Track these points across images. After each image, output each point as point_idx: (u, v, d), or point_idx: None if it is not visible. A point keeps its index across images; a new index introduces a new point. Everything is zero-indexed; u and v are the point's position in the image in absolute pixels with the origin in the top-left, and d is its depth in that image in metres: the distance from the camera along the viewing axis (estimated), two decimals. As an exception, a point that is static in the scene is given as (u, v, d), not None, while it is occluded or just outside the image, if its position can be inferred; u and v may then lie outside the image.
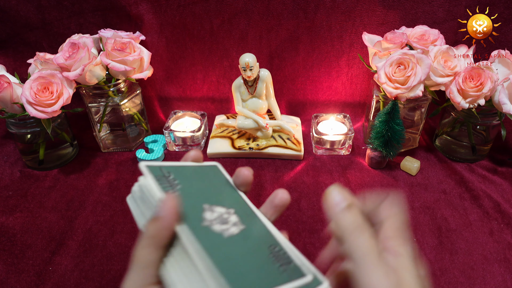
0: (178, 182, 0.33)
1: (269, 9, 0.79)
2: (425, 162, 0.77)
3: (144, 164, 0.33)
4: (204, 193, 0.35)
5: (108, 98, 0.75)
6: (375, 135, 0.71)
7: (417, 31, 0.72)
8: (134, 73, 0.72)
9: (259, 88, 0.75)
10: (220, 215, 0.32)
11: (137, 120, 0.82)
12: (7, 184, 0.72)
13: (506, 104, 0.64)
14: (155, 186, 0.31)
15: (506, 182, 0.71)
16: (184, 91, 0.90)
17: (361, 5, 0.77)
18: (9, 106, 0.67)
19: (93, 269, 0.55)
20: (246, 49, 0.83)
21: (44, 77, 0.65)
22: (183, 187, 0.33)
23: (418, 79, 0.64)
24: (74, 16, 0.80)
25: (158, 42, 0.83)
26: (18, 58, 0.84)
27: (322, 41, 0.82)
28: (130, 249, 0.58)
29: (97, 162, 0.77)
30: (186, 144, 0.80)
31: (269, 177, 0.73)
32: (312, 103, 0.90)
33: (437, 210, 0.65)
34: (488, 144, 0.77)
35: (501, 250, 0.58)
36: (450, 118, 0.77)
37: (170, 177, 0.34)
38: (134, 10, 0.79)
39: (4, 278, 0.54)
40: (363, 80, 0.87)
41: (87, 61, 0.67)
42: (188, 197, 0.32)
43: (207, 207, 0.33)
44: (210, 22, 0.81)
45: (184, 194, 0.32)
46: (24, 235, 0.61)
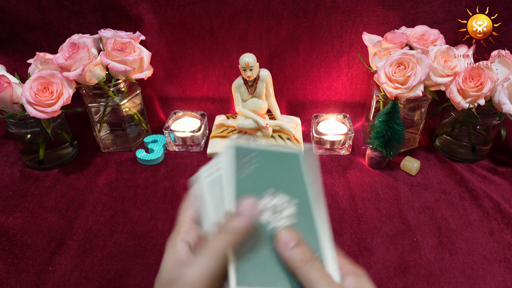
0: (255, 162, 0.36)
1: (269, 9, 0.79)
2: (425, 162, 0.77)
3: (231, 140, 0.36)
4: (273, 179, 0.36)
5: (108, 98, 0.75)
6: (375, 135, 0.71)
7: (417, 31, 0.72)
8: (134, 73, 0.72)
9: (259, 88, 0.75)
10: (277, 204, 0.34)
11: (137, 120, 0.82)
12: (7, 184, 0.72)
13: (506, 104, 0.64)
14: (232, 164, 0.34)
15: (506, 182, 0.71)
16: (184, 91, 0.90)
17: (361, 5, 0.77)
18: (9, 106, 0.67)
19: (93, 269, 0.55)
20: (246, 49, 0.83)
21: (44, 77, 0.65)
22: (256, 168, 0.35)
23: (418, 79, 0.64)
24: (74, 16, 0.80)
25: (158, 42, 0.83)
26: (18, 58, 0.84)
27: (322, 41, 0.82)
28: (130, 249, 0.58)
29: (97, 162, 0.77)
30: (186, 144, 0.80)
31: (269, 177, 0.73)
32: (312, 103, 0.90)
33: (437, 210, 0.65)
34: (488, 144, 0.77)
35: (501, 250, 0.58)
36: (450, 118, 0.77)
37: (249, 156, 0.36)
38: (134, 10, 0.79)
39: (4, 278, 0.54)
40: (363, 80, 0.87)
41: (87, 61, 0.67)
42: (255, 178, 0.35)
43: (271, 191, 0.34)
44: (210, 22, 0.81)
45: (254, 175, 0.35)
46: (24, 235, 0.61)
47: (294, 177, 0.37)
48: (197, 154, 0.80)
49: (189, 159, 0.78)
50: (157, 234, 0.61)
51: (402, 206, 0.66)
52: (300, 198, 0.35)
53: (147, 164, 0.77)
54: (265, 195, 0.34)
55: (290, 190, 0.36)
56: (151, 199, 0.68)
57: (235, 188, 0.34)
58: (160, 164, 0.77)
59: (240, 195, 0.33)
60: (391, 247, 0.59)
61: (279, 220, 0.33)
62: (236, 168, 0.35)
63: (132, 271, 0.55)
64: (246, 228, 0.30)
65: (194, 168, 0.76)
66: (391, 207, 0.66)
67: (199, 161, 0.78)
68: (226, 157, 0.36)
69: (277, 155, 0.38)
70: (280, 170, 0.37)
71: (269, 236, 0.32)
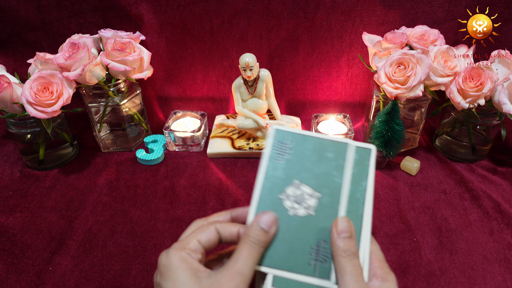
0: (291, 151, 0.37)
1: (269, 9, 0.79)
2: (425, 162, 0.77)
3: (275, 127, 0.38)
4: (305, 169, 0.37)
5: (108, 98, 0.75)
6: (375, 135, 0.71)
7: (417, 31, 0.71)
8: (134, 73, 0.72)
9: (259, 88, 0.75)
10: (300, 194, 0.36)
11: (137, 120, 0.82)
12: (7, 184, 0.72)
13: (506, 104, 0.64)
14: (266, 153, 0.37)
15: (506, 182, 0.71)
16: (184, 91, 0.90)
17: (361, 5, 0.77)
18: (9, 106, 0.67)
19: (93, 269, 0.55)
20: (246, 49, 0.83)
21: (44, 77, 0.65)
22: (290, 158, 0.37)
23: (418, 79, 0.64)
24: (74, 16, 0.80)
25: (158, 42, 0.83)
26: (18, 58, 0.84)
27: (322, 41, 0.82)
28: (130, 249, 0.58)
29: (97, 162, 0.77)
30: (186, 144, 0.80)
31: (269, 177, 0.73)
32: (312, 103, 0.90)
33: (437, 210, 0.65)
34: (488, 144, 0.77)
35: (501, 250, 0.58)
36: (450, 118, 0.77)
37: (288, 145, 0.37)
38: (134, 10, 0.79)
39: (4, 278, 0.54)
40: (363, 80, 0.87)
41: (87, 61, 0.67)
42: (286, 167, 0.36)
43: (296, 182, 0.36)
44: (210, 22, 0.81)
45: (286, 164, 0.37)
46: (24, 235, 0.61)
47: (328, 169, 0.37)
48: (197, 154, 0.80)
49: (189, 159, 0.78)
50: (157, 234, 0.61)
51: (402, 206, 0.66)
52: (325, 193, 0.36)
53: (147, 164, 0.77)
54: (290, 186, 0.36)
55: (316, 183, 0.37)
56: (151, 199, 0.68)
57: (263, 180, 0.36)
58: (160, 164, 0.77)
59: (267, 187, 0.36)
60: (391, 247, 0.59)
61: (300, 209, 0.35)
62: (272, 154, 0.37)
63: (132, 271, 0.55)
64: (268, 239, 0.34)
65: (194, 168, 0.76)
66: (391, 207, 0.66)
67: (199, 161, 0.78)
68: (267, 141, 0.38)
69: (323, 143, 0.38)
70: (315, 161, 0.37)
71: (294, 223, 0.34)
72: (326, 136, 0.38)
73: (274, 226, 0.34)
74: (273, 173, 0.36)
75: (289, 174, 0.36)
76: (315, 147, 0.38)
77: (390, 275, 0.34)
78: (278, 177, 0.36)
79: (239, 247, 0.33)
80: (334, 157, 0.37)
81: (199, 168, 0.76)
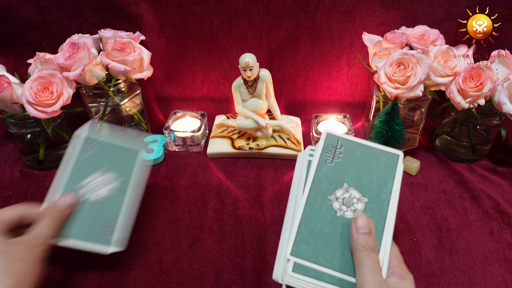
0: (341, 156, 0.39)
1: (269, 9, 0.79)
2: (425, 162, 0.77)
3: (326, 131, 0.40)
4: (354, 173, 0.39)
5: (108, 98, 0.75)
6: (375, 135, 0.71)
7: (417, 31, 0.72)
8: (134, 73, 0.72)
9: (259, 88, 0.75)
10: (349, 198, 0.38)
11: (137, 120, 0.82)
12: (7, 184, 0.72)
13: (506, 104, 0.64)
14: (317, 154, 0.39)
15: (506, 182, 0.71)
16: (184, 91, 0.90)
17: (361, 5, 0.77)
18: (9, 106, 0.67)
19: (93, 269, 0.55)
20: (246, 49, 0.83)
21: (44, 77, 0.65)
22: (340, 162, 0.39)
23: (418, 79, 0.64)
24: (74, 16, 0.80)
25: (158, 42, 0.83)
26: (18, 58, 0.84)
27: (322, 41, 0.82)
28: (130, 249, 0.58)
29: (97, 162, 0.77)
30: (186, 144, 0.80)
31: (269, 177, 0.73)
32: (312, 103, 0.90)
33: (437, 210, 0.65)
34: (488, 144, 0.77)
35: (501, 250, 0.58)
36: (450, 118, 0.77)
37: (339, 149, 0.39)
38: (134, 10, 0.79)
39: (4, 278, 0.54)
40: (363, 80, 0.87)
41: (87, 61, 0.67)
42: (336, 171, 0.38)
43: (345, 186, 0.38)
44: (210, 22, 0.81)
45: (335, 168, 0.38)
46: (24, 235, 0.61)
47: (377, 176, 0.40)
48: (197, 154, 0.80)
49: (189, 159, 0.78)
50: (157, 234, 0.61)
51: (402, 206, 0.66)
52: (372, 198, 0.38)
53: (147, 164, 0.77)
54: (339, 189, 0.38)
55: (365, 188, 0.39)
56: (151, 199, 0.68)
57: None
58: (160, 164, 0.77)
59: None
60: (391, 247, 0.59)
61: (347, 211, 0.37)
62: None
63: (132, 271, 0.55)
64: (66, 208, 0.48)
65: (194, 168, 0.76)
66: (391, 207, 0.66)
67: (199, 161, 0.78)
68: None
69: (370, 150, 0.41)
70: (364, 167, 0.40)
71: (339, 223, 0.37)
72: (375, 145, 0.41)
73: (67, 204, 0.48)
74: (323, 173, 0.38)
75: (339, 176, 0.38)
76: (364, 153, 0.40)
77: (408, 274, 0.36)
78: (328, 178, 0.38)
79: (41, 217, 0.47)
80: (383, 165, 0.40)
81: (199, 168, 0.76)
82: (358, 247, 0.35)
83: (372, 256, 0.34)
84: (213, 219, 0.64)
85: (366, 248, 0.35)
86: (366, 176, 0.39)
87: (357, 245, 0.35)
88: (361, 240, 0.35)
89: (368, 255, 0.34)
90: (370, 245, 0.35)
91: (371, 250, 0.35)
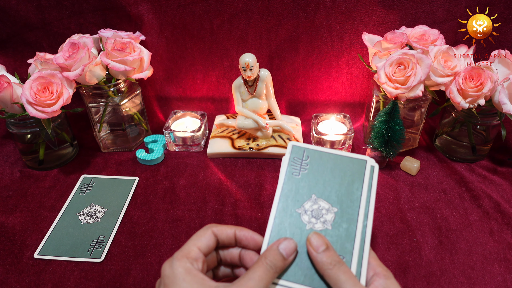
0: (308, 167, 0.38)
1: (269, 9, 0.79)
2: (425, 162, 0.77)
3: (292, 143, 0.39)
4: (321, 184, 0.38)
5: (108, 98, 0.75)
6: (375, 135, 0.71)
7: (417, 31, 0.72)
8: (134, 73, 0.72)
9: (259, 88, 0.75)
10: (318, 209, 0.37)
11: (137, 120, 0.82)
12: (7, 184, 0.72)
13: (506, 104, 0.64)
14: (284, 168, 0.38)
15: (506, 182, 0.71)
16: (184, 91, 0.90)
17: (361, 5, 0.77)
18: (9, 106, 0.67)
19: (93, 269, 0.55)
20: (246, 49, 0.83)
21: (44, 77, 0.65)
22: (307, 174, 0.38)
23: (418, 79, 0.64)
24: (74, 16, 0.80)
25: (158, 42, 0.83)
26: (18, 58, 0.84)
27: (322, 41, 0.82)
28: (130, 249, 0.58)
29: (97, 162, 0.77)
30: (186, 144, 0.80)
31: (269, 177, 0.73)
32: (312, 103, 0.90)
33: (437, 210, 0.65)
34: (488, 144, 0.77)
35: (501, 250, 0.58)
36: (450, 118, 0.77)
37: (305, 161, 0.38)
38: (134, 10, 0.79)
39: (4, 278, 0.54)
40: (363, 80, 0.87)
41: (87, 61, 0.67)
42: (304, 182, 0.37)
43: (314, 198, 0.37)
44: (210, 22, 0.81)
45: (303, 179, 0.37)
46: (24, 235, 0.61)
47: (345, 184, 0.38)
48: (197, 154, 0.80)
49: (189, 159, 0.78)
50: (157, 234, 0.61)
51: (402, 206, 0.66)
52: (342, 207, 0.37)
53: (147, 164, 0.77)
54: (308, 201, 0.37)
55: (334, 198, 0.37)
56: (151, 199, 0.68)
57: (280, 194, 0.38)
58: (160, 164, 0.77)
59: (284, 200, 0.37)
60: (391, 247, 0.59)
61: (317, 223, 0.36)
62: (289, 169, 0.39)
63: (132, 271, 0.55)
64: (284, 266, 0.35)
65: (194, 168, 0.76)
66: (391, 207, 0.66)
67: (199, 161, 0.78)
68: (283, 159, 0.39)
69: (337, 159, 0.40)
70: (331, 177, 0.39)
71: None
72: (341, 152, 0.40)
73: (293, 255, 0.35)
74: (290, 187, 0.37)
75: (307, 189, 0.37)
76: (330, 162, 0.39)
77: (388, 272, 0.35)
78: (295, 192, 0.37)
79: (255, 266, 0.33)
80: (350, 173, 0.39)
81: (199, 168, 0.76)
82: (326, 266, 0.33)
83: (343, 268, 0.33)
84: (213, 219, 0.64)
85: (334, 264, 0.33)
86: (334, 185, 0.38)
87: (324, 265, 0.33)
88: (325, 258, 0.34)
89: (339, 269, 0.33)
90: (335, 259, 0.34)
91: (339, 263, 0.34)
